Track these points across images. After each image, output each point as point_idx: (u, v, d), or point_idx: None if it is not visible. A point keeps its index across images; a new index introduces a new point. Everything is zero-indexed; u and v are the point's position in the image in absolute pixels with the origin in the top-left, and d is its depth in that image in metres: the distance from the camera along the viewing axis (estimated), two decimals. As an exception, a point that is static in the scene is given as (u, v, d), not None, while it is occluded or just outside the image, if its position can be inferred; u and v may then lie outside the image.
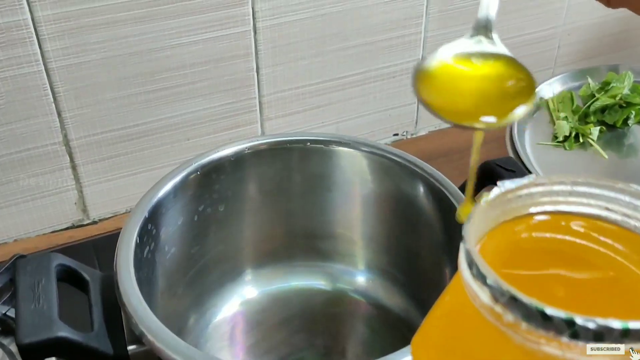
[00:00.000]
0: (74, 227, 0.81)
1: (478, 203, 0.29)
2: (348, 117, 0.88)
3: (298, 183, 0.60)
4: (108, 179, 0.79)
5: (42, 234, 0.79)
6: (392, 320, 0.61)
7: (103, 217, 0.82)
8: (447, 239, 0.54)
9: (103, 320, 0.47)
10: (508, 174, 0.54)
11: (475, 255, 0.26)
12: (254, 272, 0.64)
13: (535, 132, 0.81)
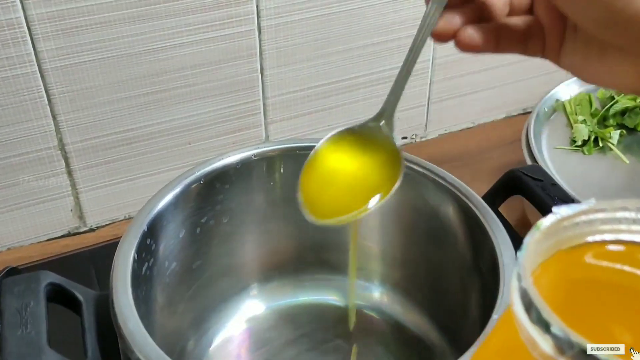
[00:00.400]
0: (70, 234, 0.76)
1: (533, 231, 0.25)
2: (355, 120, 0.82)
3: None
4: (105, 185, 0.75)
5: (36, 242, 0.76)
6: (408, 339, 0.57)
7: (100, 225, 0.77)
8: (473, 254, 0.49)
9: (97, 345, 0.43)
10: (535, 184, 0.49)
11: (536, 297, 0.22)
12: (261, 287, 0.59)
13: (552, 136, 0.76)
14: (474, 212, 0.48)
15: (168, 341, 0.51)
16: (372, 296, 0.59)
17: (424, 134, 0.89)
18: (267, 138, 0.79)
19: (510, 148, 0.85)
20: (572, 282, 0.26)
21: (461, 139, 0.88)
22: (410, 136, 0.88)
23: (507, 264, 0.44)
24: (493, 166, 0.82)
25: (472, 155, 0.84)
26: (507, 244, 0.46)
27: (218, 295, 0.57)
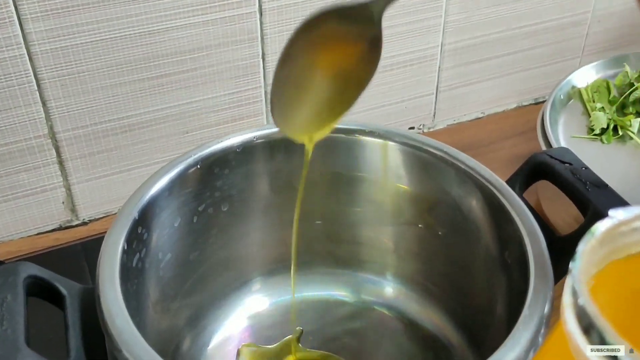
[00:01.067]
0: (62, 228, 0.72)
1: (587, 238, 0.24)
2: (361, 109, 0.78)
3: (317, 179, 0.50)
4: (99, 176, 0.70)
5: (26, 236, 0.71)
6: (423, 338, 0.51)
7: (93, 218, 0.73)
8: (498, 246, 0.44)
9: (82, 344, 0.38)
10: (564, 167, 0.44)
11: (598, 319, 0.17)
12: (264, 281, 0.54)
13: (569, 124, 0.71)
14: (499, 199, 0.43)
15: (161, 340, 0.46)
16: (383, 292, 0.54)
17: (432, 124, 0.84)
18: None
19: (523, 138, 0.80)
20: (634, 295, 0.22)
21: (471, 130, 0.83)
22: (418, 126, 0.83)
23: (536, 256, 0.39)
24: (505, 157, 0.78)
25: (482, 146, 0.79)
26: (536, 235, 0.41)
27: (217, 290, 0.52)
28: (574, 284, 0.21)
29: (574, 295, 0.21)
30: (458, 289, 0.49)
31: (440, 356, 0.50)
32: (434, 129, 0.84)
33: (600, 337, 0.19)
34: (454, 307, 0.50)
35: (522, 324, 0.36)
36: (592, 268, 0.23)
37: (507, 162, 0.77)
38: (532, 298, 0.37)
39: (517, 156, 0.78)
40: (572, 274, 0.22)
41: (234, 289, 0.53)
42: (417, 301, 0.52)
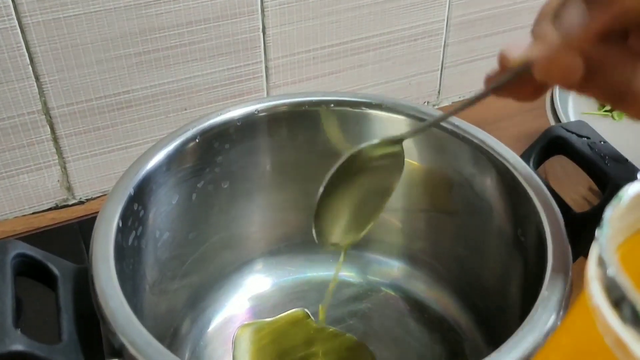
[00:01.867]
0: (58, 207, 0.69)
1: (614, 204, 0.21)
2: (364, 85, 0.76)
3: (322, 154, 0.48)
4: (95, 154, 0.68)
5: (21, 216, 0.68)
6: (430, 320, 0.49)
7: (90, 197, 0.70)
8: (513, 224, 0.42)
9: (75, 327, 0.36)
10: (582, 141, 0.42)
11: (631, 292, 0.15)
12: (266, 261, 0.52)
13: (579, 100, 0.69)
14: (514, 175, 0.41)
15: (159, 322, 0.44)
16: (390, 272, 0.52)
17: (437, 102, 0.81)
18: (277, 95, 0.72)
19: (531, 115, 0.77)
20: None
21: (477, 106, 0.79)
22: (422, 103, 0.80)
23: (554, 236, 0.37)
24: (513, 135, 0.75)
25: (489, 123, 0.76)
26: (553, 212, 0.38)
27: (217, 270, 0.50)
28: (601, 254, 0.19)
29: (601, 265, 0.19)
30: (468, 269, 0.47)
31: (448, 338, 0.48)
32: (438, 106, 0.81)
33: (632, 311, 0.17)
34: (463, 288, 0.48)
35: (540, 307, 0.33)
36: (620, 236, 0.22)
37: (515, 139, 0.74)
38: (550, 279, 0.34)
39: (525, 134, 0.75)
40: (599, 242, 0.20)
41: (234, 270, 0.51)
42: (424, 282, 0.50)
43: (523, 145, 0.75)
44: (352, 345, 0.47)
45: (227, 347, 0.47)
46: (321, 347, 0.47)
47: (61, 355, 0.34)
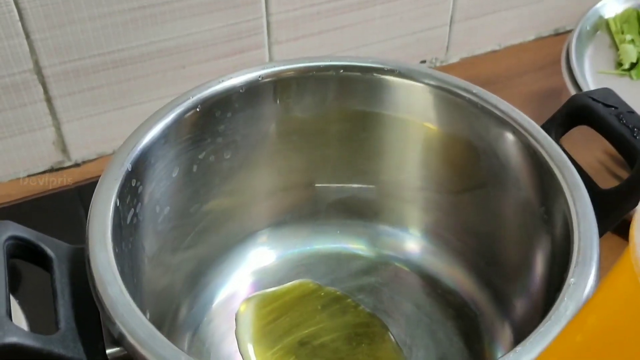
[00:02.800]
0: (53, 170, 0.67)
1: None
2: (369, 42, 0.73)
3: (329, 121, 0.45)
4: (90, 115, 0.65)
5: (15, 179, 0.66)
6: (442, 295, 0.47)
7: (87, 159, 0.68)
8: (537, 202, 0.39)
9: (72, 313, 0.34)
10: (608, 111, 0.39)
11: None
12: (270, 233, 0.49)
13: (596, 58, 0.66)
14: (538, 150, 0.38)
15: (160, 300, 0.42)
16: (402, 245, 0.49)
17: (445, 58, 0.78)
18: (271, 61, 0.69)
19: (543, 73, 0.74)
20: None
21: (486, 64, 0.77)
22: (430, 60, 0.77)
23: (581, 217, 0.34)
24: (524, 94, 0.72)
25: (500, 81, 0.74)
26: (580, 193, 0.36)
27: (220, 243, 0.48)
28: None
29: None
30: (486, 244, 0.45)
31: (461, 314, 0.46)
32: (446, 63, 0.78)
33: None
34: (478, 263, 0.46)
35: (566, 296, 0.31)
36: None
37: (526, 99, 0.72)
38: (577, 266, 0.32)
39: (537, 93, 0.73)
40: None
41: (238, 242, 0.48)
42: (438, 256, 0.48)
43: (534, 104, 0.72)
44: (363, 320, 0.46)
45: (231, 324, 0.46)
46: (330, 322, 0.46)
47: (59, 346, 0.32)
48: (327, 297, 0.47)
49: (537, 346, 0.30)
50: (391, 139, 0.46)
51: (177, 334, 0.43)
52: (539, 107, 0.71)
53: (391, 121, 0.45)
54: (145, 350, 0.30)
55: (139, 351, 0.30)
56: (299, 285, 0.48)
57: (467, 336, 0.45)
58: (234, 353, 0.44)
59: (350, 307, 0.47)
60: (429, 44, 0.76)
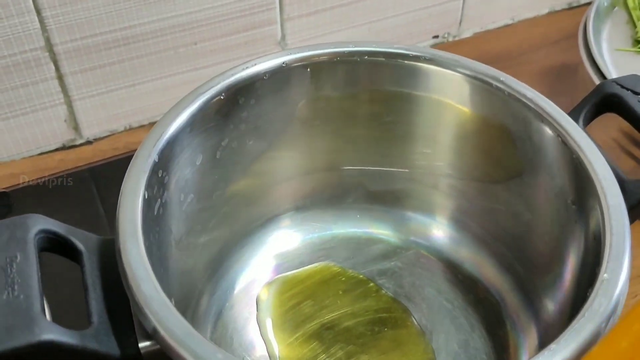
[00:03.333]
0: (66, 148, 0.67)
1: None
2: (382, 16, 0.72)
3: (352, 106, 0.45)
4: (102, 92, 0.65)
5: (28, 157, 0.65)
6: (463, 281, 0.47)
7: (98, 137, 0.67)
8: (566, 194, 0.39)
9: (104, 307, 0.34)
10: (637, 99, 0.39)
11: None
12: (292, 217, 0.49)
13: (613, 35, 0.65)
14: (568, 140, 0.38)
15: (184, 285, 0.42)
16: (424, 230, 0.49)
17: (458, 33, 0.77)
18: (283, 37, 0.68)
19: (557, 48, 0.73)
20: None
21: (499, 39, 0.76)
22: (442, 35, 0.76)
23: (612, 207, 0.34)
24: (539, 68, 0.72)
25: (513, 57, 0.73)
26: (610, 181, 0.36)
27: (242, 227, 0.47)
28: None
29: None
30: (515, 235, 0.44)
31: (482, 301, 0.46)
32: (459, 38, 0.77)
33: None
34: (500, 249, 0.46)
35: (600, 293, 0.31)
36: None
37: (541, 74, 0.71)
38: (610, 261, 0.32)
39: (552, 68, 0.72)
40: None
41: (259, 226, 0.48)
42: (460, 242, 0.48)
43: (548, 79, 0.72)
44: (385, 305, 0.46)
45: (253, 309, 0.46)
46: (352, 306, 0.46)
47: (93, 341, 0.32)
48: (348, 281, 0.47)
49: (571, 343, 0.30)
50: (422, 122, 0.46)
51: (201, 320, 0.43)
52: (554, 83, 0.71)
53: (423, 102, 0.44)
54: (183, 349, 0.30)
55: (176, 349, 0.30)
56: (320, 270, 0.48)
57: (489, 323, 0.45)
58: (256, 338, 0.44)
59: (372, 291, 0.47)
60: (441, 19, 0.75)
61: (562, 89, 0.70)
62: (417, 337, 0.44)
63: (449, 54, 0.43)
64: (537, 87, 0.70)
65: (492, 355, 0.43)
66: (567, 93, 0.69)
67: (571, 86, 0.67)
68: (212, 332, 0.44)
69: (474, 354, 0.44)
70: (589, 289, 0.32)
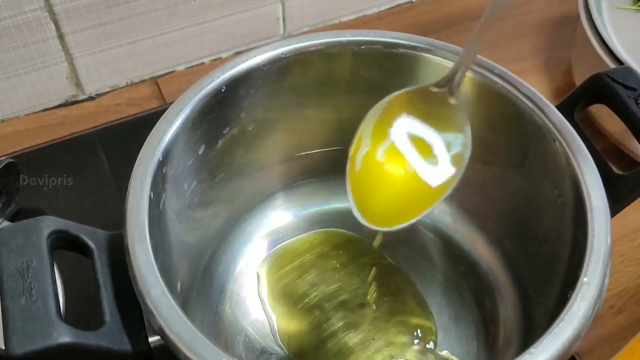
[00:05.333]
0: (69, 104, 0.67)
1: None
2: None
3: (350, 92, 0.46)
4: (102, 49, 0.65)
5: (32, 113, 0.66)
6: (455, 254, 0.49)
7: (100, 92, 0.68)
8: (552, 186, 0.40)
9: (116, 305, 0.36)
10: (627, 94, 0.39)
11: None
12: (291, 192, 0.51)
13: (613, -8, 0.64)
14: (554, 134, 0.39)
15: (190, 262, 0.44)
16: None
17: None
18: (284, 3, 0.67)
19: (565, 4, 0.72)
20: None
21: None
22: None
23: (596, 209, 0.36)
24: (539, 19, 0.71)
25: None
26: (595, 180, 0.37)
27: (243, 205, 0.49)
28: None
29: None
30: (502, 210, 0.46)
31: (473, 274, 0.48)
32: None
33: None
34: (490, 227, 0.48)
35: (580, 294, 0.33)
36: None
37: (540, 25, 0.71)
38: (591, 264, 0.34)
39: (551, 20, 0.71)
40: None
41: (260, 202, 0.50)
42: (454, 217, 0.49)
43: (549, 33, 0.71)
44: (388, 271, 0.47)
45: (255, 284, 0.48)
46: (349, 280, 0.48)
47: (107, 340, 0.34)
48: (348, 253, 0.49)
49: (551, 347, 0.32)
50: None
51: (205, 297, 0.46)
52: (552, 35, 0.70)
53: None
54: (190, 352, 0.32)
55: (183, 352, 0.32)
56: (319, 240, 0.50)
57: (479, 296, 0.47)
58: (259, 313, 0.47)
59: (368, 265, 0.49)
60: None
61: (560, 42, 0.70)
62: (418, 305, 0.46)
63: (446, 44, 0.43)
64: (535, 39, 0.70)
65: (481, 327, 0.46)
66: (564, 47, 0.69)
67: (569, 40, 0.67)
68: (216, 306, 0.46)
69: (464, 325, 0.46)
70: (570, 292, 0.34)
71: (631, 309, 0.53)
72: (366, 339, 0.45)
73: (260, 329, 0.46)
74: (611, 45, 0.57)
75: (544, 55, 0.69)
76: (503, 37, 0.70)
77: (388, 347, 0.44)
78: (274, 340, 0.45)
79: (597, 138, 0.62)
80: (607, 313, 0.52)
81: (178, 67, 0.69)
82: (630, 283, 0.54)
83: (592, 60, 0.58)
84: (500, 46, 0.69)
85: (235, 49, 0.70)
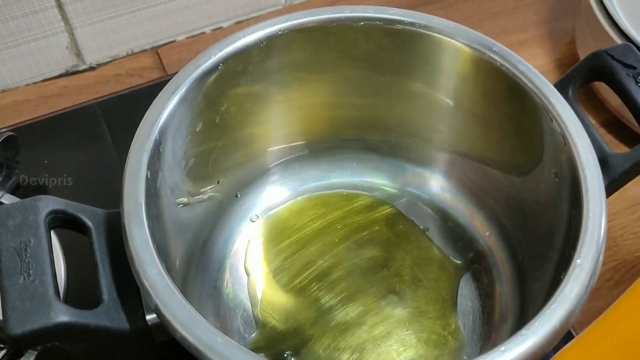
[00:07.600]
0: (69, 74, 0.67)
1: None
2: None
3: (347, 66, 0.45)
4: (102, 19, 0.64)
5: (32, 83, 0.66)
6: (452, 229, 0.49)
7: (101, 62, 0.68)
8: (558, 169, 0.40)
9: (113, 284, 0.36)
10: (626, 72, 0.39)
11: None
12: (291, 166, 0.51)
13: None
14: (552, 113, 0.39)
15: (188, 239, 0.45)
16: (418, 180, 0.51)
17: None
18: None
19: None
20: None
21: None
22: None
23: (592, 190, 0.36)
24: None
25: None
26: (592, 160, 0.37)
27: (242, 179, 0.49)
28: None
29: None
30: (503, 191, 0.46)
31: (469, 248, 0.48)
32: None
33: None
34: (488, 202, 0.48)
35: (572, 276, 0.33)
36: None
37: None
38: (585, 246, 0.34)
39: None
40: None
41: (259, 177, 0.50)
42: (452, 192, 0.49)
43: (552, 2, 0.70)
44: None
45: (253, 259, 0.48)
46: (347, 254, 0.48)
47: (104, 319, 0.35)
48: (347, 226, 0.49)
49: (542, 328, 0.32)
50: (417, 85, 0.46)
51: (203, 272, 0.46)
52: (557, 4, 0.70)
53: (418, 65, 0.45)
54: (186, 331, 0.32)
55: (179, 331, 0.33)
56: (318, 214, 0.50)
57: (476, 271, 0.47)
58: (258, 288, 0.47)
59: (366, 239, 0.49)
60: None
61: (565, 12, 0.69)
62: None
63: (445, 20, 0.42)
64: (540, 8, 0.69)
65: (477, 302, 0.46)
66: (569, 17, 0.68)
67: (574, 9, 0.66)
68: (215, 281, 0.46)
69: (461, 300, 0.46)
70: (563, 273, 0.34)
71: (629, 282, 0.52)
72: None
73: (258, 304, 0.46)
74: (615, 17, 0.56)
75: (548, 25, 0.68)
76: (506, 6, 0.69)
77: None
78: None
79: (599, 110, 0.61)
80: (604, 286, 0.52)
81: (179, 36, 0.68)
82: (628, 256, 0.54)
83: (595, 31, 0.58)
84: (503, 15, 0.68)
85: (236, 19, 0.69)
